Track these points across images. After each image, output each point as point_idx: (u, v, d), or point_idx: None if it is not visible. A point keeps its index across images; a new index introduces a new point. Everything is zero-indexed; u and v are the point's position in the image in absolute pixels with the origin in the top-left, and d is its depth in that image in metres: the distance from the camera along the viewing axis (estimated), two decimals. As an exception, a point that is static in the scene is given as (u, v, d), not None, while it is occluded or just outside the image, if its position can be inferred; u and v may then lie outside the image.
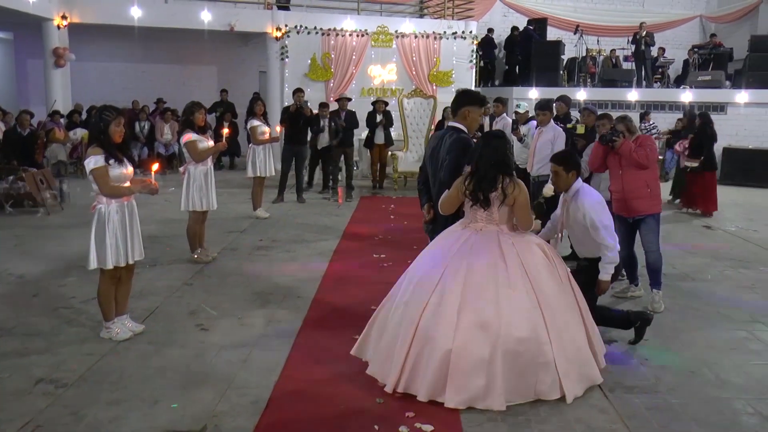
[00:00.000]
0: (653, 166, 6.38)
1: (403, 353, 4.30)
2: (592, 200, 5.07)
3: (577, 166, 5.24)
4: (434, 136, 5.29)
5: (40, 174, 10.61)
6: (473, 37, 17.11)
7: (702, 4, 22.58)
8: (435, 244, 4.70)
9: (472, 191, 4.45)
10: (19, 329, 5.42)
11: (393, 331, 4.45)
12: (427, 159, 5.19)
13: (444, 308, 4.26)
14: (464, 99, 5.10)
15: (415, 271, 4.60)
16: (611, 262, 5.06)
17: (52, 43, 15.15)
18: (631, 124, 6.48)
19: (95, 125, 5.06)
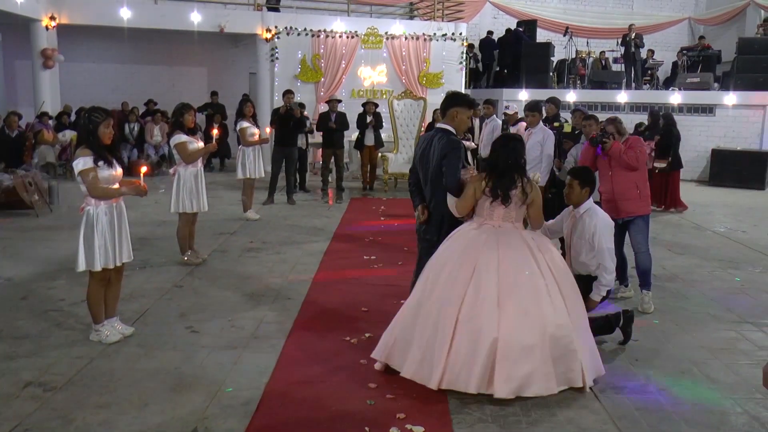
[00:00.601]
0: (642, 168, 6.42)
1: (444, 350, 4.31)
2: (604, 223, 5.19)
3: (592, 184, 5.33)
4: (423, 138, 5.29)
5: (28, 176, 10.54)
6: (463, 38, 17.14)
7: (690, 7, 22.76)
8: (454, 242, 4.67)
9: (493, 188, 4.55)
10: (7, 332, 5.38)
11: (429, 331, 4.42)
12: (417, 160, 5.20)
13: (483, 300, 4.32)
14: (453, 100, 5.13)
15: (440, 269, 4.56)
16: (606, 285, 5.15)
17: (41, 44, 15.07)
18: (621, 126, 6.51)
19: (84, 127, 5.04)
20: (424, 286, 4.60)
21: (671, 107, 16.83)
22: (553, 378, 4.35)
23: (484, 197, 4.62)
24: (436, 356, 4.35)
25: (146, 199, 5.48)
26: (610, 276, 5.15)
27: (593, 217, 5.20)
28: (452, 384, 4.32)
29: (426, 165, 5.06)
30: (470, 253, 4.49)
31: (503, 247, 4.49)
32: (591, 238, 5.15)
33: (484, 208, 4.66)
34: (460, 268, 4.46)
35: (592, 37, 20.56)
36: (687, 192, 14.45)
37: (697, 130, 16.74)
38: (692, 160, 16.75)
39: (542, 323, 4.32)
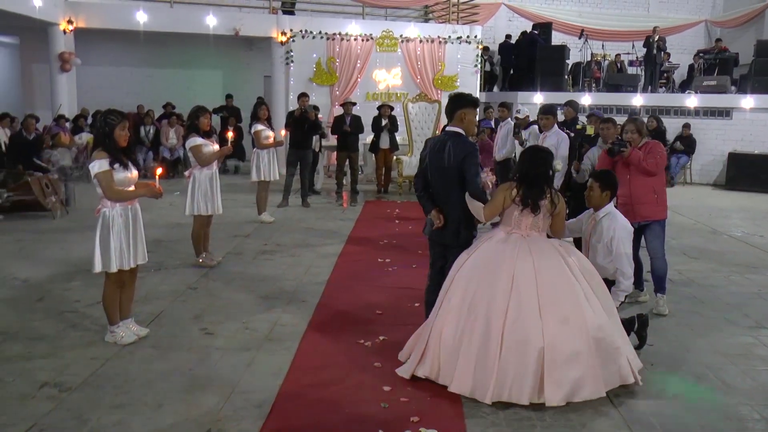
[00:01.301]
0: (661, 173, 6.38)
1: (494, 364, 4.31)
2: (623, 228, 5.15)
3: (613, 188, 5.28)
4: (432, 141, 5.19)
5: (45, 178, 10.63)
6: (478, 41, 17.12)
7: (707, 9, 22.60)
8: (484, 253, 4.64)
9: (523, 197, 4.59)
10: (24, 333, 5.42)
11: (476, 345, 4.37)
12: (427, 164, 5.12)
13: (526, 311, 4.34)
14: (459, 102, 5.10)
15: (477, 283, 4.51)
16: (624, 291, 5.11)
17: (58, 47, 15.22)
18: (642, 127, 6.44)
19: (100, 129, 5.06)
20: (462, 300, 4.51)
21: (687, 110, 16.74)
22: (601, 380, 4.38)
23: (513, 206, 4.64)
24: (487, 370, 4.33)
25: (161, 201, 5.51)
26: (627, 281, 5.10)
27: (612, 222, 5.16)
28: (503, 396, 4.31)
29: (440, 169, 5.00)
30: (507, 263, 4.50)
31: (537, 256, 4.52)
32: (609, 242, 5.12)
33: (513, 217, 4.68)
34: (498, 280, 4.45)
35: (607, 39, 20.44)
36: (703, 196, 14.39)
37: (714, 133, 16.63)
38: (708, 164, 16.67)
39: (584, 327, 4.36)
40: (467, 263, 4.67)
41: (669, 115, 16.77)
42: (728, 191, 15.52)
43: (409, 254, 8.28)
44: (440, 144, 5.03)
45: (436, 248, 5.23)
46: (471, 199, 4.87)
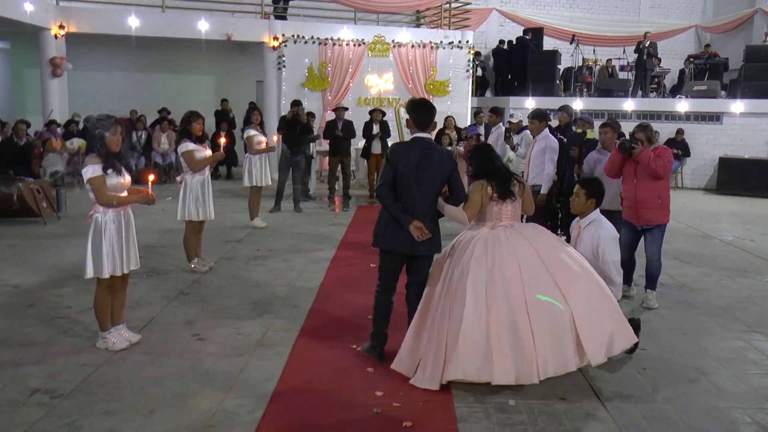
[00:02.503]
0: (666, 177, 6.44)
1: (530, 345, 4.42)
2: (608, 234, 5.18)
3: (598, 196, 5.31)
4: (412, 148, 4.89)
5: (36, 184, 10.59)
6: (469, 46, 17.17)
7: (698, 15, 22.73)
8: (481, 249, 4.66)
9: (501, 191, 4.80)
10: (15, 339, 5.39)
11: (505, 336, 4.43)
12: (403, 171, 4.82)
13: (543, 288, 4.52)
14: (432, 111, 5.11)
15: (485, 279, 4.54)
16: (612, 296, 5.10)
17: (50, 52, 15.18)
18: (652, 133, 6.49)
19: (92, 134, 5.05)
20: (475, 300, 4.49)
21: (678, 115, 16.82)
22: (629, 329, 4.77)
23: (491, 202, 4.81)
24: (526, 355, 4.39)
25: (153, 206, 5.50)
26: (615, 288, 5.11)
27: (598, 229, 5.18)
28: (550, 371, 4.43)
29: (429, 178, 4.84)
30: (507, 253, 4.61)
31: (531, 239, 4.73)
32: (595, 249, 5.14)
33: (493, 212, 4.85)
34: (506, 272, 4.54)
35: (599, 45, 20.53)
36: (694, 200, 14.46)
37: (704, 138, 16.73)
38: (699, 169, 16.76)
39: (599, 286, 4.70)
40: (468, 265, 4.61)
41: (660, 120, 16.84)
42: (719, 195, 15.61)
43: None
44: (426, 152, 4.85)
45: (398, 260, 5.03)
46: (447, 205, 4.91)
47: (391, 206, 4.84)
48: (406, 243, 4.87)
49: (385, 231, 4.93)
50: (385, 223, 4.93)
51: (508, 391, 4.58)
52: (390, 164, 4.85)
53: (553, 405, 4.42)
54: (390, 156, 4.89)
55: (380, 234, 4.98)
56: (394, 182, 4.84)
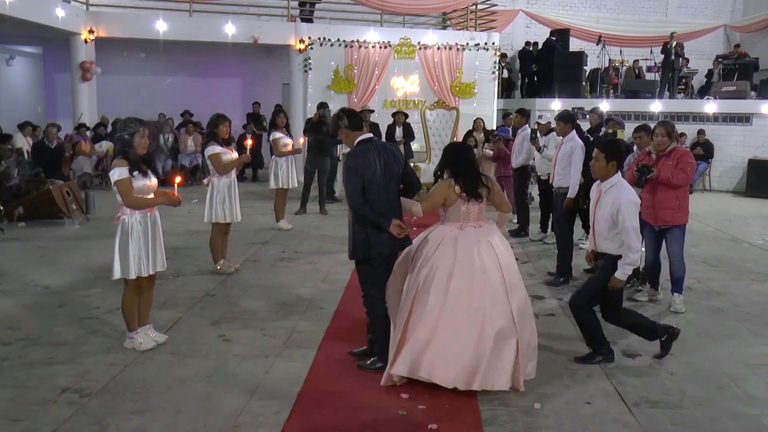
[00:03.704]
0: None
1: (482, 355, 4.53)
2: (629, 199, 5.03)
3: (618, 157, 5.17)
4: (371, 151, 4.82)
5: (66, 186, 10.75)
6: (495, 48, 17.11)
7: (726, 14, 22.41)
8: (449, 249, 4.70)
9: (468, 191, 4.78)
10: (45, 339, 5.48)
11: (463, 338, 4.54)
12: (372, 176, 4.75)
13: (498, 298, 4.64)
14: (357, 113, 5.16)
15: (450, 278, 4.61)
16: (631, 264, 5.02)
17: (80, 57, 15.42)
18: (673, 131, 6.43)
19: (120, 137, 5.11)
20: (442, 299, 4.58)
21: (706, 116, 16.60)
22: None
23: (459, 201, 4.79)
24: (474, 361, 4.49)
25: (180, 208, 5.56)
26: (635, 255, 4.99)
27: (619, 194, 5.03)
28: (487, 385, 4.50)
29: (394, 177, 4.87)
30: (474, 256, 4.67)
31: (495, 243, 4.79)
32: (615, 215, 5.01)
33: (461, 212, 4.83)
34: (471, 274, 4.62)
35: (625, 45, 20.33)
36: (722, 203, 14.25)
37: (733, 139, 16.47)
38: (728, 171, 16.51)
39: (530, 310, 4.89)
40: (438, 264, 4.67)
41: (687, 121, 16.61)
42: (748, 198, 15.36)
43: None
44: (381, 152, 4.85)
45: (382, 265, 4.96)
46: (401, 197, 4.96)
47: (370, 215, 4.75)
48: (388, 244, 4.87)
49: (366, 240, 4.81)
50: (364, 234, 4.81)
51: (534, 395, 4.56)
52: (357, 174, 4.74)
53: (578, 409, 4.39)
54: (353, 166, 4.76)
55: (361, 244, 4.84)
56: (363, 190, 4.75)
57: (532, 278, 7.72)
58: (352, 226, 4.87)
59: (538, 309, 6.55)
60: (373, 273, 4.95)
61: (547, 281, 7.54)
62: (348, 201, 4.82)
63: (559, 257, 7.62)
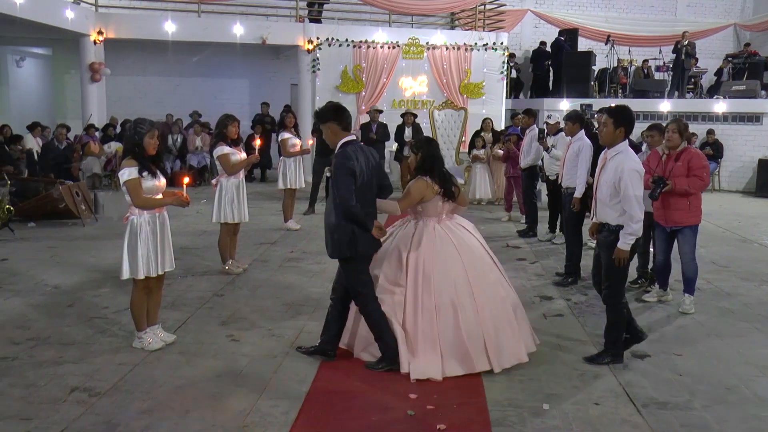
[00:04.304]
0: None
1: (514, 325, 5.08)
2: (632, 167, 4.92)
3: (626, 124, 5.06)
4: (360, 154, 4.82)
5: (75, 186, 10.80)
6: (504, 48, 17.08)
7: (736, 12, 22.29)
8: (438, 245, 4.93)
9: (446, 189, 5.03)
10: (55, 338, 5.51)
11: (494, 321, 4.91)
12: (361, 176, 4.76)
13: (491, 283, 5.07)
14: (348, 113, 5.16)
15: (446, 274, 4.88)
16: (632, 234, 4.91)
17: (89, 58, 15.49)
18: (685, 129, 6.39)
19: (130, 138, 5.13)
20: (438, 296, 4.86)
21: (715, 116, 16.52)
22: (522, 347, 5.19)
23: (436, 198, 5.01)
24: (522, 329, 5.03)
25: (188, 209, 5.57)
26: (636, 225, 4.88)
27: (623, 161, 4.93)
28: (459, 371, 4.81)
29: (372, 178, 4.87)
30: (456, 249, 4.97)
31: (473, 232, 5.21)
32: (617, 182, 4.90)
33: (437, 208, 5.06)
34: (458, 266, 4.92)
35: (634, 45, 20.25)
36: (732, 203, 14.19)
37: (743, 139, 16.39)
38: (737, 171, 16.43)
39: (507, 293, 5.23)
40: (430, 265, 4.89)
41: (697, 120, 16.52)
42: (758, 198, 15.28)
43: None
44: (364, 153, 4.86)
45: (367, 263, 4.98)
46: (379, 199, 5.00)
47: (360, 215, 4.74)
48: (373, 243, 4.92)
49: (353, 238, 4.78)
50: (350, 232, 4.77)
51: (543, 396, 4.55)
52: (351, 175, 4.71)
53: (587, 410, 4.38)
54: (349, 166, 4.72)
55: (347, 243, 4.80)
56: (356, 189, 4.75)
57: (541, 278, 7.70)
58: (336, 224, 4.80)
59: (547, 309, 6.54)
60: (360, 271, 4.93)
61: (555, 282, 7.52)
62: (339, 200, 4.72)
63: (568, 257, 7.60)
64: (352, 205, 4.70)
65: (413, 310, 4.85)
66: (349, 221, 4.75)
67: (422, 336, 4.81)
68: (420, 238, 4.97)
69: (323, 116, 4.96)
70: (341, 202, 4.72)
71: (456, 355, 4.81)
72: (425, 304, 4.83)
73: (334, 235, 4.83)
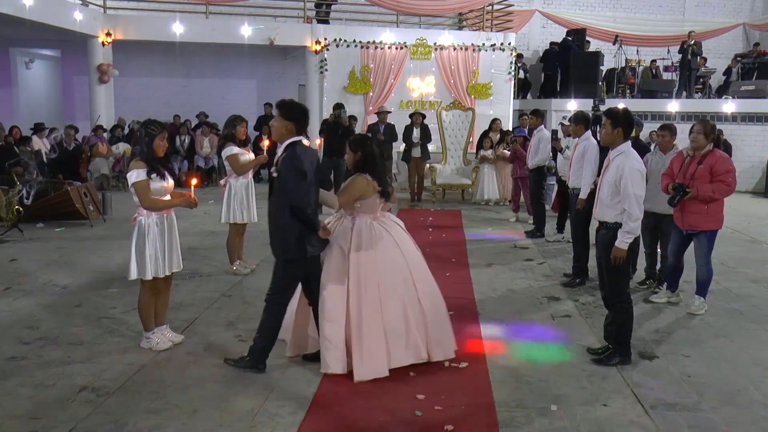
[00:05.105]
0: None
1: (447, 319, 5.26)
2: (633, 167, 4.97)
3: (626, 125, 5.10)
4: (307, 156, 4.78)
5: (83, 187, 10.84)
6: (512, 48, 17.06)
7: (746, 12, 22.17)
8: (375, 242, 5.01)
9: (384, 188, 5.13)
10: (63, 338, 5.53)
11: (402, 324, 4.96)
12: (309, 181, 4.74)
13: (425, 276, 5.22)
14: None
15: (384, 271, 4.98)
16: (630, 232, 4.93)
17: (97, 59, 15.56)
18: (711, 130, 6.28)
19: (140, 139, 5.14)
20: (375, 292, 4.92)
21: (724, 116, 16.44)
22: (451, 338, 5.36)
23: (374, 195, 5.08)
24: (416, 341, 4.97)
25: (196, 209, 5.58)
26: (634, 223, 4.91)
27: (624, 161, 4.98)
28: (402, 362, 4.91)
29: (316, 179, 4.86)
30: (395, 245, 5.09)
31: (405, 231, 5.32)
32: (618, 181, 4.95)
33: (375, 205, 5.13)
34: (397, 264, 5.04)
35: (642, 45, 20.18)
36: (741, 204, 14.10)
37: (752, 139, 16.32)
38: (746, 171, 16.33)
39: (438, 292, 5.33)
40: (372, 259, 4.95)
41: (706, 121, 16.43)
42: (767, 199, 15.21)
43: (443, 262, 8.24)
44: (310, 154, 4.85)
45: (307, 266, 4.92)
46: (322, 190, 5.01)
47: (311, 216, 4.73)
48: (318, 245, 4.89)
49: (300, 239, 4.74)
50: (297, 233, 4.72)
51: (550, 397, 4.54)
52: (303, 176, 4.68)
53: (595, 411, 4.37)
54: (301, 168, 4.67)
55: (294, 244, 4.76)
56: None
57: (548, 279, 7.68)
58: (285, 224, 4.75)
59: (555, 310, 6.52)
60: (295, 274, 4.90)
61: (563, 282, 7.50)
62: (292, 202, 4.65)
63: (575, 258, 7.58)
64: (306, 206, 4.68)
65: (358, 305, 4.87)
66: (298, 221, 4.71)
67: (367, 330, 4.84)
68: (360, 233, 5.02)
69: (289, 112, 4.87)
70: (294, 203, 4.66)
71: (403, 345, 4.93)
72: (370, 297, 4.88)
73: (282, 236, 4.80)
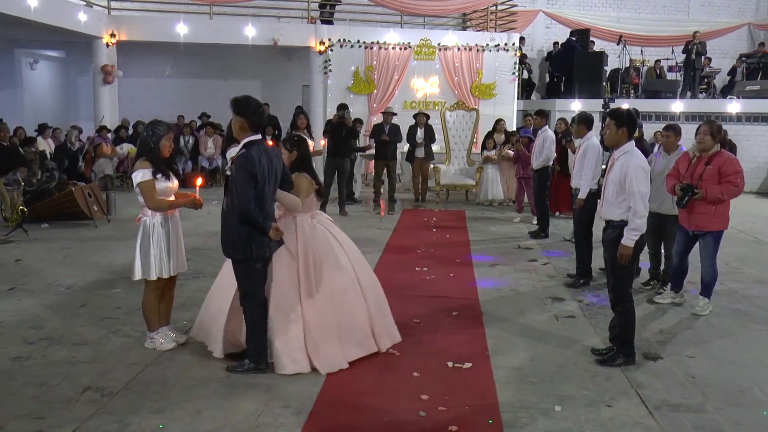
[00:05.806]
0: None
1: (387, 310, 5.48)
2: (638, 164, 4.99)
3: (628, 125, 5.11)
4: (263, 155, 4.69)
5: (87, 188, 10.86)
6: (516, 49, 17.05)
7: (750, 12, 22.11)
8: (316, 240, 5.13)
9: (319, 188, 5.36)
10: (68, 338, 5.54)
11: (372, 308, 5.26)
12: (263, 178, 4.67)
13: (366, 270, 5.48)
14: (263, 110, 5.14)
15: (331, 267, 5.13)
16: (636, 229, 4.94)
17: (101, 60, 15.61)
18: (718, 131, 6.23)
19: (146, 139, 5.15)
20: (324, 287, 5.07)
21: (729, 116, 16.40)
22: None
23: (313, 195, 5.29)
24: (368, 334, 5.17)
25: (200, 210, 5.58)
26: (640, 220, 4.92)
27: (628, 159, 5.00)
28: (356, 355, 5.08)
29: (274, 180, 4.80)
30: (335, 242, 5.27)
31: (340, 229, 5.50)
32: (623, 179, 4.97)
33: (313, 204, 5.35)
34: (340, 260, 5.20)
35: (646, 45, 20.14)
36: (746, 204, 14.06)
37: (757, 140, 16.28)
38: (751, 171, 16.27)
39: None
40: (320, 257, 5.10)
41: (710, 121, 16.40)
42: (773, 199, 15.19)
43: (446, 263, 8.24)
44: (268, 155, 4.75)
45: (261, 264, 4.87)
46: (283, 192, 5.02)
47: (258, 219, 4.65)
48: (268, 246, 4.82)
49: (249, 240, 4.70)
50: (246, 234, 4.69)
51: (554, 397, 4.54)
52: (252, 179, 4.60)
53: (599, 412, 4.36)
54: (251, 169, 4.59)
55: (241, 244, 4.72)
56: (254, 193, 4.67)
57: (552, 280, 7.67)
58: (232, 224, 4.72)
59: (558, 311, 6.51)
60: (252, 272, 4.83)
61: (567, 283, 7.49)
62: (238, 203, 4.62)
63: (579, 258, 7.57)
64: (251, 210, 4.61)
65: (310, 301, 4.96)
66: (245, 223, 4.68)
67: (321, 326, 4.95)
68: (304, 233, 5.10)
69: (239, 108, 4.84)
70: (240, 205, 4.62)
71: (354, 339, 5.09)
72: (322, 293, 5.01)
73: (229, 235, 4.78)
